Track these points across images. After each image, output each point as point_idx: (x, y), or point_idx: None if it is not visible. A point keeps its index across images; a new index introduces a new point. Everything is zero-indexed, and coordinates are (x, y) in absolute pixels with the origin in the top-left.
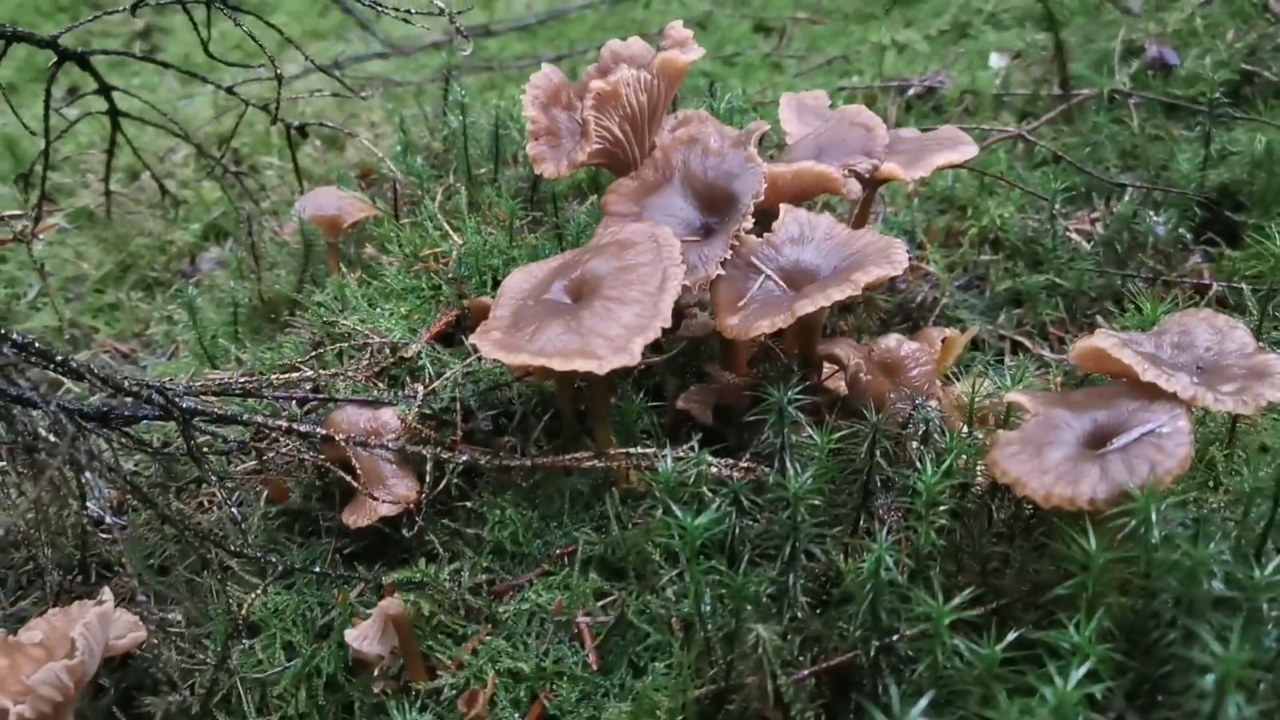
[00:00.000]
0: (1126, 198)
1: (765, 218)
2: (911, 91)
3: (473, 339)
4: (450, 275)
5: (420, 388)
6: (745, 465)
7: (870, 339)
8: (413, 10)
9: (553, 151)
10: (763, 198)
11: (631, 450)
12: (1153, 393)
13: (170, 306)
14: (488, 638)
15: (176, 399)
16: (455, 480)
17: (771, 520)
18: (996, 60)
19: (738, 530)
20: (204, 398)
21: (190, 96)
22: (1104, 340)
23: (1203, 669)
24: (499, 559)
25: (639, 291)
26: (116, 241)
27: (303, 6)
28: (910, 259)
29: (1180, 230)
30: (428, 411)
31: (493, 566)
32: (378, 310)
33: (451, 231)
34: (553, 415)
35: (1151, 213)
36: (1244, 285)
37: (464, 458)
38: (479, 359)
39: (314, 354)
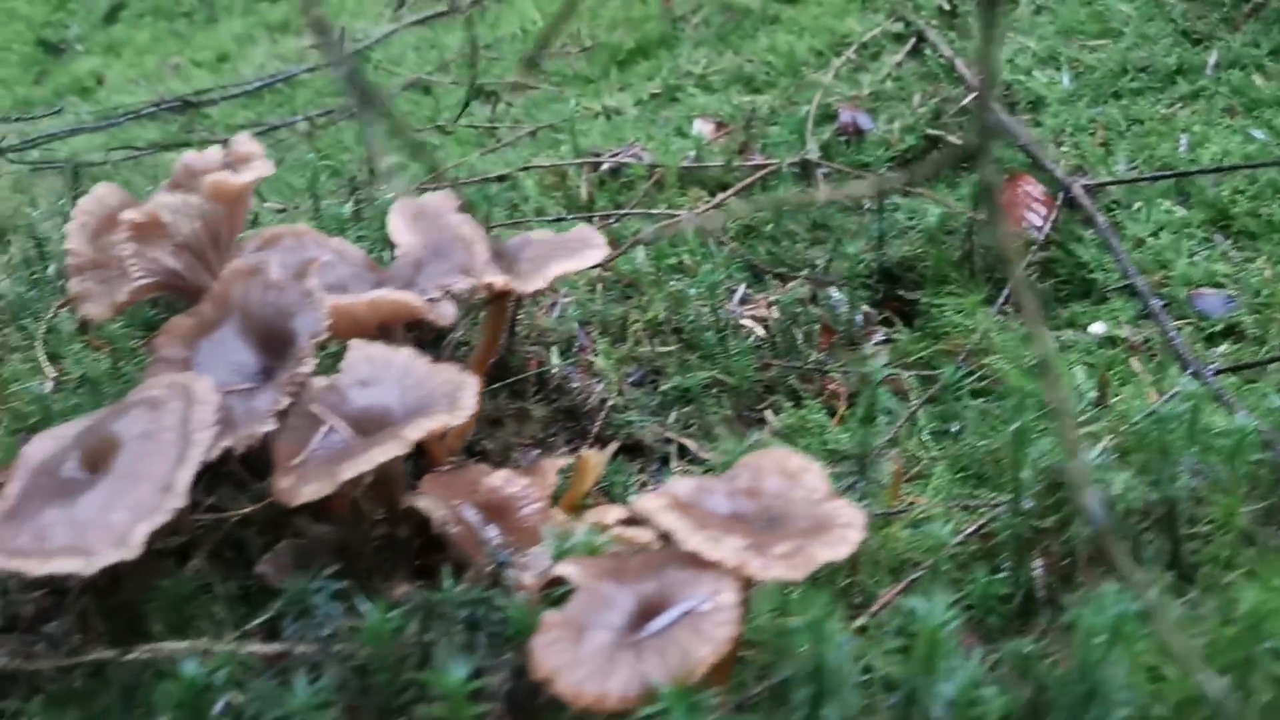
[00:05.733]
0: (796, 281)
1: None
2: (605, 167)
3: None
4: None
5: None
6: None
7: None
8: None
9: (102, 288)
10: (325, 335)
11: (161, 645)
12: (703, 560)
13: None
14: None
15: None
16: None
17: None
18: (699, 126)
19: None
20: None
21: None
22: (651, 502)
23: None
24: None
25: (156, 464)
26: None
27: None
28: (583, 356)
29: (863, 309)
30: None
31: None
32: None
33: (48, 363)
34: (113, 589)
35: (833, 290)
36: (905, 372)
37: None
38: None
39: None
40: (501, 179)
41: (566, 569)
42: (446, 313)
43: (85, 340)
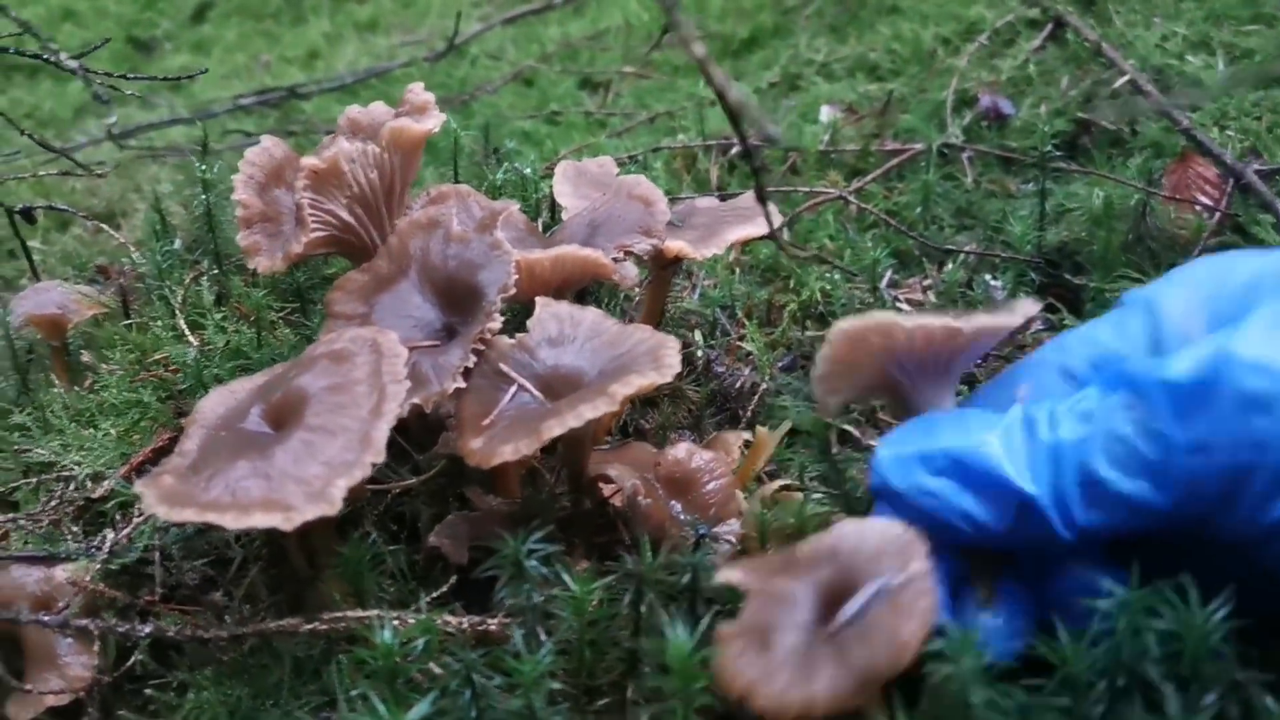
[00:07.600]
0: (956, 262)
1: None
2: (734, 150)
3: (139, 484)
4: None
5: (110, 535)
6: (492, 625)
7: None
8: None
9: (270, 242)
10: (513, 291)
11: (349, 613)
12: (880, 529)
13: None
14: None
15: None
16: (141, 657)
17: (509, 705)
18: (827, 113)
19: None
20: None
21: None
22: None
23: None
24: None
25: (350, 418)
26: None
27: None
28: (729, 339)
29: (1020, 294)
30: (116, 567)
31: None
32: (89, 433)
33: (188, 331)
34: (278, 559)
35: (989, 276)
36: None
37: (147, 629)
38: None
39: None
40: (632, 159)
41: (733, 575)
42: (629, 274)
43: (232, 308)
